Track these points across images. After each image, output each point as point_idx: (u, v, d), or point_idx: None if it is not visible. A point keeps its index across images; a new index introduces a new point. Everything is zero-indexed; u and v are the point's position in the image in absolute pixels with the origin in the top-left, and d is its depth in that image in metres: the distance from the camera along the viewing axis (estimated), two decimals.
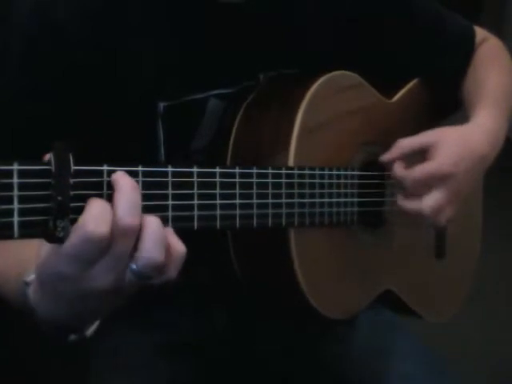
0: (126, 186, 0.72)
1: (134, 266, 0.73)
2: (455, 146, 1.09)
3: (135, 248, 0.72)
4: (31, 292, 0.79)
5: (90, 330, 0.83)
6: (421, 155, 1.09)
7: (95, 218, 0.69)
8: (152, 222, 0.73)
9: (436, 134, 1.11)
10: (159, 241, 0.73)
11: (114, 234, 0.71)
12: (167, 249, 0.74)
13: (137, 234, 0.72)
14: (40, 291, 0.78)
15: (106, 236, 0.70)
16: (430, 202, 1.06)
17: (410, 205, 1.07)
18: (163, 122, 1.00)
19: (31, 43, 0.94)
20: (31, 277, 0.79)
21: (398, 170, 1.08)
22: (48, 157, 0.69)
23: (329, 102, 1.05)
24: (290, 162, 0.97)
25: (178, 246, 0.75)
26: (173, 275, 0.76)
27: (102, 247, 0.70)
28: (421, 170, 1.06)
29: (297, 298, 1.01)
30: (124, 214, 0.71)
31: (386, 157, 1.11)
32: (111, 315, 0.81)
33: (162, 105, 1.00)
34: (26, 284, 0.80)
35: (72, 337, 0.83)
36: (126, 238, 0.71)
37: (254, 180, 0.89)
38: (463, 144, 1.10)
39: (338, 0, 1.11)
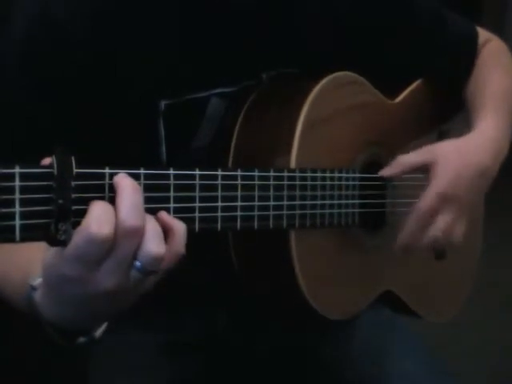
0: (127, 187, 0.72)
1: (137, 263, 0.73)
2: (455, 162, 1.09)
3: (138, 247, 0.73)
4: (38, 296, 0.79)
5: (99, 331, 0.83)
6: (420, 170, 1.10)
7: (98, 219, 0.70)
8: (148, 221, 0.73)
9: (435, 151, 1.11)
10: (157, 235, 0.73)
11: (117, 236, 0.71)
12: (170, 231, 0.75)
13: (140, 234, 0.72)
14: (47, 295, 0.78)
15: (110, 237, 0.70)
16: (438, 227, 1.07)
17: (424, 241, 1.07)
18: (164, 121, 1.00)
19: (31, 43, 0.94)
20: (38, 280, 0.79)
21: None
22: (50, 160, 0.68)
23: (331, 103, 1.05)
24: (293, 163, 0.97)
25: (178, 224, 0.76)
26: (182, 252, 0.76)
27: (106, 249, 0.71)
28: (422, 203, 1.07)
29: (297, 299, 1.01)
30: (127, 216, 0.71)
31: (385, 172, 1.11)
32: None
33: (163, 103, 1.00)
34: (33, 288, 0.80)
35: (81, 339, 0.82)
36: (130, 240, 0.71)
37: (256, 182, 0.89)
38: (462, 161, 1.10)
39: (338, 0, 1.10)
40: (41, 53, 0.93)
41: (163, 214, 0.77)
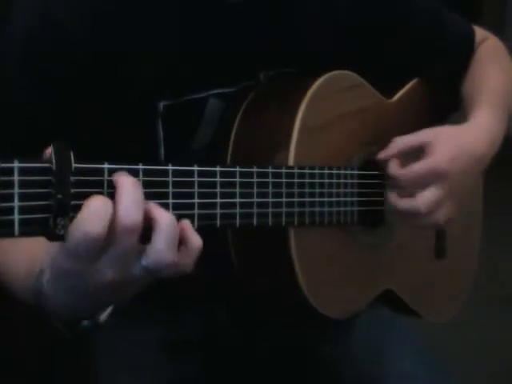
0: (126, 183, 0.72)
1: (144, 263, 0.73)
2: (451, 145, 1.09)
3: (145, 240, 0.73)
4: (45, 280, 0.79)
5: (103, 315, 0.83)
6: (417, 154, 1.09)
7: (92, 216, 0.69)
8: (164, 219, 0.73)
9: (433, 133, 1.11)
10: (171, 240, 0.73)
11: (115, 232, 0.71)
12: (184, 243, 0.75)
13: (140, 230, 0.72)
14: (50, 283, 0.78)
15: (103, 235, 0.70)
16: (424, 199, 1.05)
17: (403, 203, 1.06)
18: (163, 122, 1.01)
19: (31, 43, 0.94)
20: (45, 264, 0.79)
21: (393, 168, 1.08)
22: (49, 154, 0.69)
23: (329, 102, 1.05)
24: (290, 162, 0.97)
25: (195, 240, 0.76)
26: (189, 269, 0.76)
27: (101, 245, 0.71)
28: (416, 167, 1.06)
29: (297, 297, 1.01)
30: (126, 212, 0.71)
31: (382, 154, 1.10)
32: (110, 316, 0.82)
33: (161, 104, 1.00)
34: (42, 271, 0.79)
35: (85, 323, 0.82)
36: (129, 235, 0.71)
37: (255, 179, 0.89)
38: (459, 144, 1.10)
39: (337, 0, 1.11)
40: (41, 53, 0.93)
41: (185, 224, 0.77)
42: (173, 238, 0.73)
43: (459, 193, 1.10)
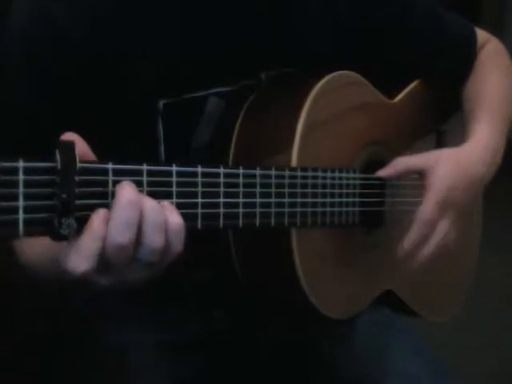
0: (123, 200, 0.72)
1: (137, 256, 0.74)
2: (451, 174, 1.10)
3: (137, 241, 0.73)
4: None
5: None
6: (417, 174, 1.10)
7: (92, 233, 0.71)
8: (149, 210, 0.74)
9: (432, 159, 1.11)
10: (158, 227, 0.74)
11: (106, 250, 0.72)
12: (166, 227, 0.75)
13: (131, 249, 0.73)
14: None
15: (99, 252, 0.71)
16: (439, 235, 1.07)
17: (425, 248, 1.07)
18: (163, 120, 1.01)
19: (32, 43, 0.94)
20: None
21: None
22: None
23: (331, 102, 1.05)
24: (294, 161, 0.97)
25: (175, 219, 0.76)
26: (179, 249, 0.77)
27: (98, 260, 0.72)
28: (423, 213, 1.06)
29: (298, 297, 1.01)
30: (115, 233, 0.72)
31: (383, 173, 1.11)
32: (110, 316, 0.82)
33: (161, 103, 1.00)
34: None
35: None
36: (119, 255, 0.73)
37: (258, 181, 0.89)
38: (459, 171, 1.11)
39: (338, 0, 1.11)
40: (40, 53, 0.93)
41: (165, 206, 0.77)
42: (159, 225, 0.74)
43: (462, 213, 1.12)
